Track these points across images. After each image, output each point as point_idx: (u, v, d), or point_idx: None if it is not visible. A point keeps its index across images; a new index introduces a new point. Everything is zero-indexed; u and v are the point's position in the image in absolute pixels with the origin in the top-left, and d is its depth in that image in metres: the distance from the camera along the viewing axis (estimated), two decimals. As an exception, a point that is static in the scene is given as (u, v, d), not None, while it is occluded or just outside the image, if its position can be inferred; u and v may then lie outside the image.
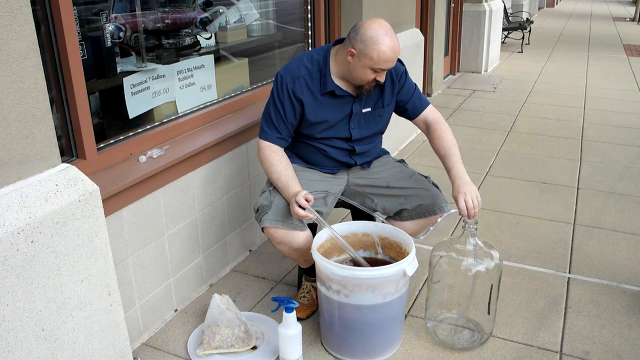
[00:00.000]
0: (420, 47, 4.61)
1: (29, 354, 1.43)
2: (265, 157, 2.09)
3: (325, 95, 2.08)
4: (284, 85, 2.05)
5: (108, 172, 1.99)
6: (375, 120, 2.19)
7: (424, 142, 4.54)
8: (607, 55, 8.92)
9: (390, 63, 1.95)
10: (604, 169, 3.94)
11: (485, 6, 7.13)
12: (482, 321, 2.14)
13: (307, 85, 2.06)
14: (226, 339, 2.05)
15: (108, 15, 2.17)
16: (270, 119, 2.09)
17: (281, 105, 2.06)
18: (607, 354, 2.08)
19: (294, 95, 2.05)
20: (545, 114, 5.40)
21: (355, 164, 2.24)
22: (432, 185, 2.20)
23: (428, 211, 2.14)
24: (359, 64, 1.96)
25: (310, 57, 2.10)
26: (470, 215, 1.96)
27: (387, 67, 1.96)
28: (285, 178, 2.02)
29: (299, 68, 2.07)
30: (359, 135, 2.18)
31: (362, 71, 1.97)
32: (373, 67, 1.95)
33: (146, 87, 2.27)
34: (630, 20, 15.63)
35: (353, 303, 1.91)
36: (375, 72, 1.97)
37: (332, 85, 2.06)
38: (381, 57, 1.92)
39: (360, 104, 2.13)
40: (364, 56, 1.94)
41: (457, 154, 2.15)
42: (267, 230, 2.01)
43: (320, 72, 2.06)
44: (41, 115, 1.44)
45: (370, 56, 1.92)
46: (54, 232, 1.45)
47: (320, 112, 2.09)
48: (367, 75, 1.98)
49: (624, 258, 2.75)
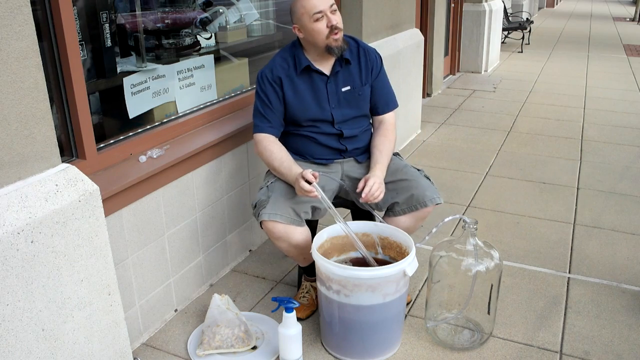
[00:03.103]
0: (420, 47, 4.61)
1: (29, 354, 1.43)
2: (264, 148, 2.16)
3: (303, 76, 2.18)
4: (264, 77, 2.19)
5: (108, 172, 1.99)
6: (355, 100, 2.24)
7: (423, 142, 4.54)
8: (607, 55, 8.92)
9: (320, 3, 2.04)
10: (604, 169, 3.94)
11: (485, 6, 7.13)
12: (482, 321, 2.14)
13: (284, 70, 2.18)
14: (226, 339, 2.05)
15: (108, 15, 2.17)
16: (258, 112, 2.20)
17: (265, 95, 2.17)
18: (607, 354, 2.08)
19: (274, 82, 2.17)
20: (545, 114, 5.40)
21: (346, 149, 2.25)
22: (423, 177, 2.21)
23: (419, 203, 2.12)
24: (303, 27, 2.09)
25: (284, 49, 2.26)
26: (364, 192, 2.01)
27: (321, 7, 2.04)
28: (287, 163, 2.09)
29: (275, 59, 2.22)
30: (340, 116, 2.21)
31: (311, 29, 2.08)
32: (312, 18, 2.05)
33: (146, 87, 2.27)
34: (630, 20, 15.63)
35: (353, 303, 1.91)
36: (319, 20, 2.06)
37: (305, 60, 2.16)
38: (306, 5, 2.04)
39: (335, 81, 2.20)
40: (299, 19, 2.08)
41: (388, 155, 2.23)
42: (266, 224, 2.01)
43: (294, 56, 2.18)
44: (41, 115, 1.44)
45: (301, 12, 2.07)
46: (54, 232, 1.45)
47: (299, 94, 2.18)
48: (317, 28, 2.07)
49: (624, 258, 2.75)
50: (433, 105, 5.67)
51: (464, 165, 4.02)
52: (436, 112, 5.43)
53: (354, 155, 2.28)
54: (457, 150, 4.34)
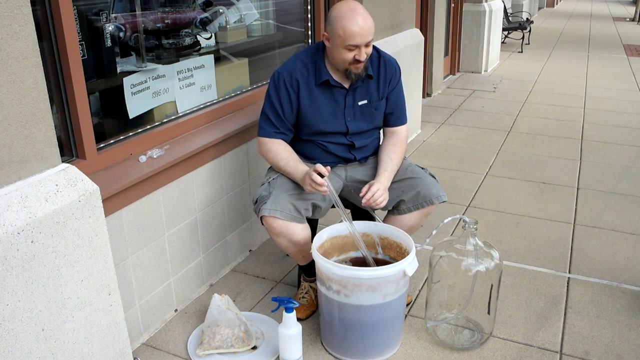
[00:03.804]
0: (420, 47, 4.61)
1: (29, 354, 1.43)
2: (269, 149, 2.13)
3: (321, 87, 2.12)
4: (281, 79, 2.10)
5: (108, 172, 1.99)
6: (371, 114, 2.21)
7: (423, 142, 4.54)
8: (607, 55, 8.92)
9: (359, 38, 1.97)
10: (604, 169, 3.94)
11: (485, 6, 7.13)
12: (482, 321, 2.14)
13: (303, 77, 2.11)
14: (226, 339, 2.05)
15: (108, 15, 2.17)
16: (267, 117, 2.14)
17: (278, 100, 2.11)
18: (607, 354, 2.08)
19: (291, 86, 2.10)
20: (545, 114, 5.40)
21: (355, 159, 2.25)
22: (428, 175, 2.21)
23: (425, 201, 2.13)
24: (333, 45, 2.02)
25: (306, 52, 2.16)
26: (366, 197, 2.01)
27: (358, 42, 1.98)
28: (293, 162, 2.08)
29: (295, 62, 2.13)
30: (355, 128, 2.19)
31: (338, 51, 2.01)
32: (345, 45, 1.98)
33: (146, 87, 2.27)
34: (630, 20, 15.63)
35: (353, 303, 1.91)
36: (351, 50, 2.00)
37: (326, 74, 2.10)
38: (347, 32, 1.95)
39: (354, 95, 2.15)
40: (333, 35, 2.00)
41: (397, 165, 2.18)
42: (266, 219, 2.01)
43: (315, 64, 2.11)
44: (41, 115, 1.44)
45: (338, 34, 1.97)
46: (54, 232, 1.45)
47: (316, 104, 2.12)
48: (344, 55, 2.01)
49: (624, 258, 2.75)
50: (433, 105, 5.67)
51: (464, 165, 4.02)
52: (436, 112, 5.43)
53: (359, 160, 2.28)
54: (457, 150, 4.34)
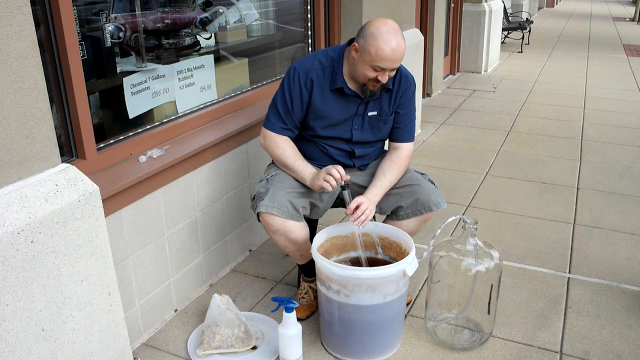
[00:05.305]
0: (420, 47, 4.61)
1: (29, 354, 1.43)
2: (276, 144, 2.12)
3: (334, 93, 2.10)
4: (296, 76, 2.08)
5: (108, 172, 1.99)
6: (379, 126, 2.18)
7: (423, 142, 4.54)
8: (607, 55, 8.93)
9: (390, 62, 1.94)
10: (604, 169, 3.94)
11: (485, 6, 7.13)
12: (482, 321, 2.14)
13: (319, 79, 2.09)
14: (226, 339, 2.05)
15: (108, 15, 2.17)
16: (277, 110, 2.12)
17: (290, 96, 2.09)
18: (607, 354, 2.08)
19: (304, 84, 2.08)
20: (545, 114, 5.40)
21: (354, 166, 2.24)
22: (427, 181, 2.20)
23: (424, 207, 2.12)
24: (360, 59, 1.98)
25: (325, 53, 2.13)
26: (353, 215, 1.99)
27: (387, 66, 1.94)
28: (302, 160, 2.10)
29: (313, 62, 2.10)
30: (360, 137, 2.17)
31: (363, 67, 1.98)
32: (372, 65, 1.95)
33: (146, 87, 2.27)
34: (630, 20, 15.63)
35: (353, 303, 1.91)
36: (376, 71, 1.96)
37: (341, 82, 2.07)
38: (379, 53, 1.91)
39: (366, 105, 2.13)
40: (363, 51, 1.95)
41: (391, 183, 2.14)
42: (263, 216, 2.00)
43: (333, 68, 2.09)
44: (41, 115, 1.44)
45: (369, 51, 1.93)
46: (54, 232, 1.45)
47: (326, 106, 2.11)
48: (368, 73, 1.98)
49: (624, 258, 2.75)
50: (433, 105, 5.67)
51: (464, 165, 4.02)
52: (436, 112, 5.43)
53: (358, 167, 2.27)
54: (457, 150, 4.34)
